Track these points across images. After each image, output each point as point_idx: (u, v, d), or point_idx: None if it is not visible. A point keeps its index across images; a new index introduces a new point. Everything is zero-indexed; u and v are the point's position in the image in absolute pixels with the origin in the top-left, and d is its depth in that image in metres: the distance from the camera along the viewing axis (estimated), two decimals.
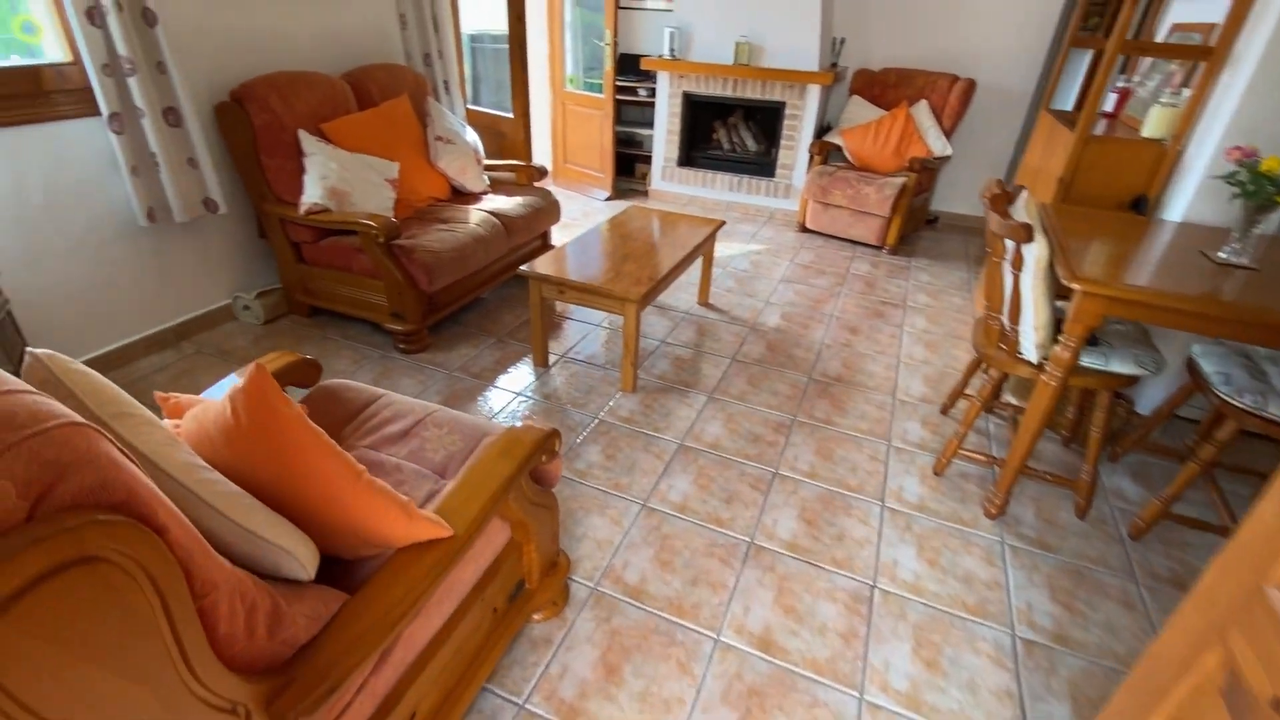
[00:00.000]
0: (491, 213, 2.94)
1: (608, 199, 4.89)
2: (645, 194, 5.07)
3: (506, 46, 3.90)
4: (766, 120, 4.75)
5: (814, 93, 4.24)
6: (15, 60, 2.07)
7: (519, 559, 1.44)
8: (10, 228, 2.06)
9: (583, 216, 4.50)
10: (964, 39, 4.22)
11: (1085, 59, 3.72)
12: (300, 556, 0.88)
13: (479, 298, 3.08)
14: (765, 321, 3.09)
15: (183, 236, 2.56)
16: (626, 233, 2.83)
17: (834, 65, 4.44)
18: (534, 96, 5.04)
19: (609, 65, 4.43)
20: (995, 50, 4.18)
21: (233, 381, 1.45)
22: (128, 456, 0.66)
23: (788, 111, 4.35)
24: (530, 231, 3.15)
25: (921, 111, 4.10)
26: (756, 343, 2.89)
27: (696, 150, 4.85)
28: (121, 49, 2.08)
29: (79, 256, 2.26)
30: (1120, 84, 2.73)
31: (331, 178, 2.54)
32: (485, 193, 3.25)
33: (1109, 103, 2.76)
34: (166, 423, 1.07)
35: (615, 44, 4.37)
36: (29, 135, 2.05)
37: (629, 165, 5.21)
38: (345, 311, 2.76)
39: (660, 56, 4.50)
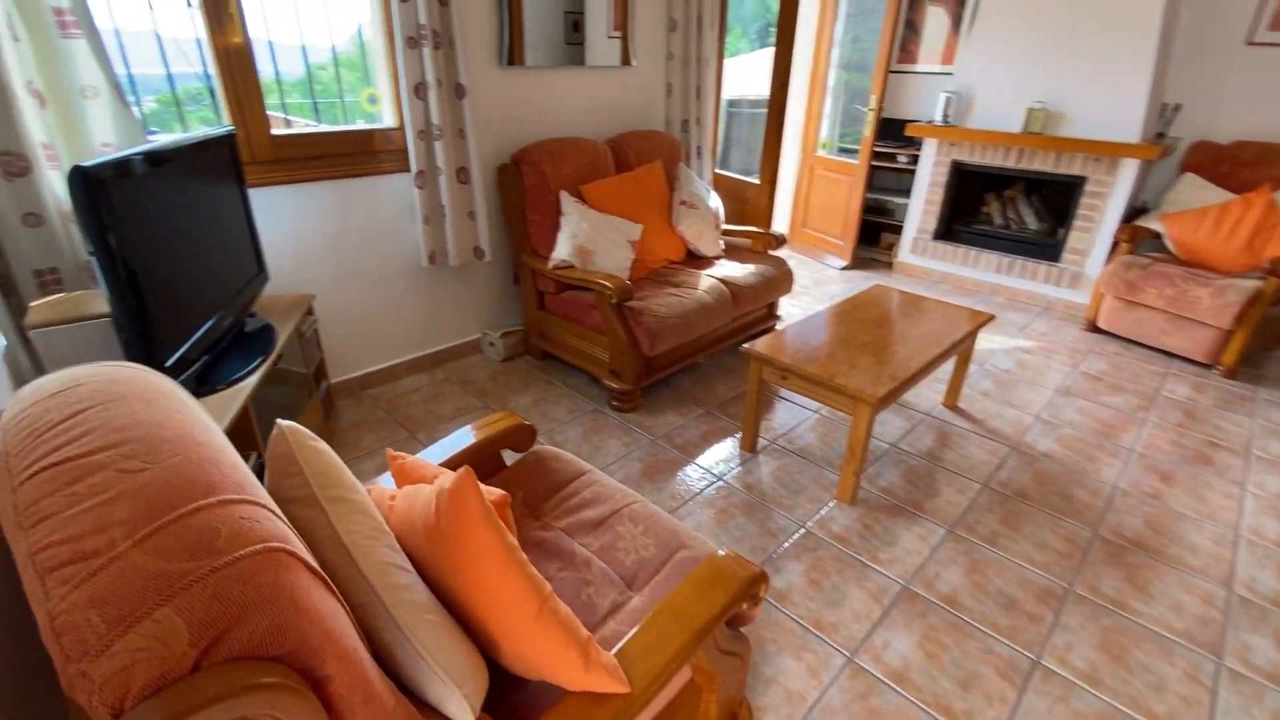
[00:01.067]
0: (722, 280, 2.85)
1: (844, 268, 4.56)
2: (889, 266, 4.63)
3: (763, 111, 3.87)
4: (1056, 196, 4.03)
5: (1129, 168, 3.48)
6: (360, 125, 2.52)
7: (695, 706, 1.23)
8: (331, 257, 2.48)
9: (814, 285, 4.23)
10: None
11: None
12: (466, 696, 0.79)
13: (696, 363, 2.99)
14: (1032, 442, 2.50)
15: (451, 277, 2.88)
16: (868, 315, 2.52)
17: (1160, 135, 3.62)
18: (781, 159, 4.97)
19: (868, 131, 4.16)
20: None
21: (462, 437, 1.50)
22: (319, 575, 0.61)
23: (1089, 188, 3.63)
24: (758, 301, 2.99)
25: None
26: (1019, 469, 2.34)
27: (959, 223, 4.30)
28: (435, 118, 2.41)
29: (373, 287, 2.65)
30: None
31: (580, 236, 2.67)
32: (719, 257, 3.19)
33: None
34: (385, 488, 1.09)
35: (879, 110, 4.09)
36: (357, 185, 2.46)
37: (873, 233, 4.82)
38: (571, 361, 2.86)
39: (930, 122, 4.10)
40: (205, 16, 1.99)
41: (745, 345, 2.25)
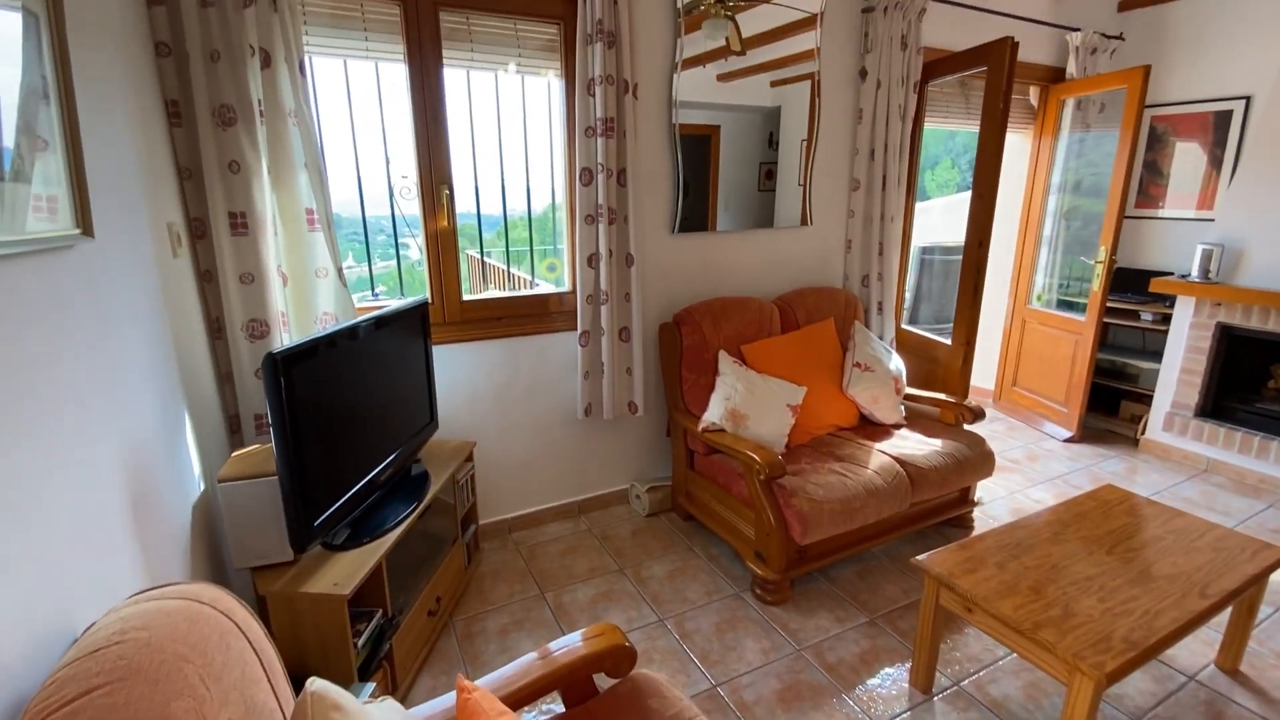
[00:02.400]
0: (898, 458, 2.48)
1: (1069, 439, 3.78)
2: (1134, 442, 3.75)
3: (959, 259, 3.52)
4: None
5: None
6: (539, 288, 2.74)
7: None
8: (496, 407, 2.63)
9: (1026, 460, 3.55)
10: None
11: None
12: None
13: (865, 551, 2.57)
14: None
15: (605, 428, 2.89)
16: (1097, 530, 1.96)
17: None
18: (988, 311, 4.45)
19: (1097, 286, 3.56)
20: None
21: (562, 646, 1.36)
22: None
23: None
24: (945, 487, 2.53)
25: None
26: None
27: (1233, 399, 3.38)
28: (604, 284, 2.53)
29: (532, 435, 2.74)
30: None
31: (735, 399, 2.53)
32: (899, 425, 2.82)
33: None
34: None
35: (1111, 261, 3.50)
36: (529, 343, 2.64)
37: (1110, 400, 3.99)
38: (715, 530, 2.63)
39: (1185, 277, 3.39)
40: (421, 206, 2.35)
41: (920, 558, 1.85)
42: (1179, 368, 3.47)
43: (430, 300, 2.42)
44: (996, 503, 3.05)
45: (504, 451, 2.70)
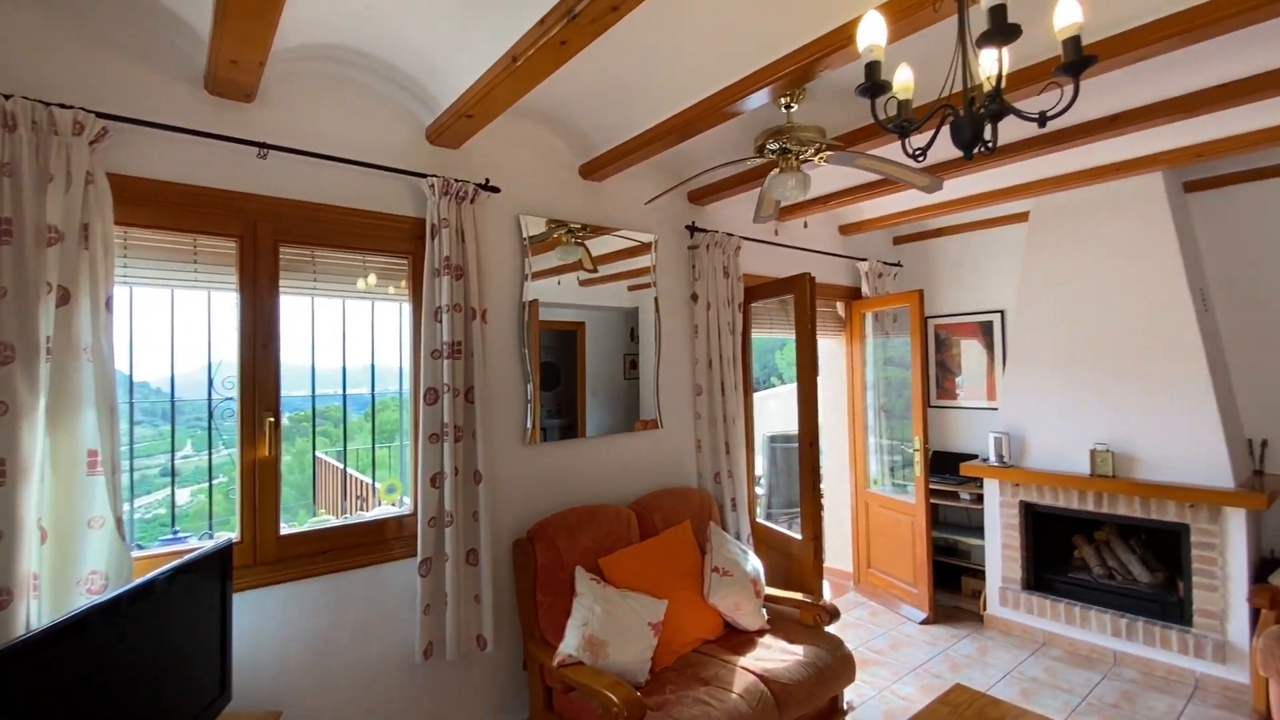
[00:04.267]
0: (763, 676, 2.38)
1: (924, 621, 3.90)
2: (979, 619, 3.94)
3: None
4: (1161, 541, 3.50)
5: (1238, 516, 3.01)
6: (378, 512, 2.54)
7: None
8: (315, 660, 2.25)
9: (890, 648, 3.58)
10: None
11: None
12: None
13: None
14: None
15: (449, 670, 2.55)
16: None
17: (1258, 473, 3.22)
18: (834, 496, 4.76)
19: (919, 471, 3.96)
20: None
21: None
22: None
23: (1195, 539, 3.12)
24: (811, 702, 2.44)
25: None
26: None
27: (1051, 571, 3.73)
28: (449, 504, 2.40)
29: (358, 693, 2.34)
30: None
31: (593, 623, 2.37)
32: (763, 630, 2.77)
33: None
34: None
35: (926, 449, 3.95)
36: (358, 577, 2.36)
37: (954, 577, 4.24)
38: None
39: (985, 461, 3.88)
40: (240, 434, 2.17)
41: None
42: (1000, 543, 3.82)
43: (239, 538, 2.14)
44: (868, 705, 2.98)
45: (328, 711, 2.26)
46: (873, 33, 1.31)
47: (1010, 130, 2.74)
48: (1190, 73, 2.26)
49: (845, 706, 2.78)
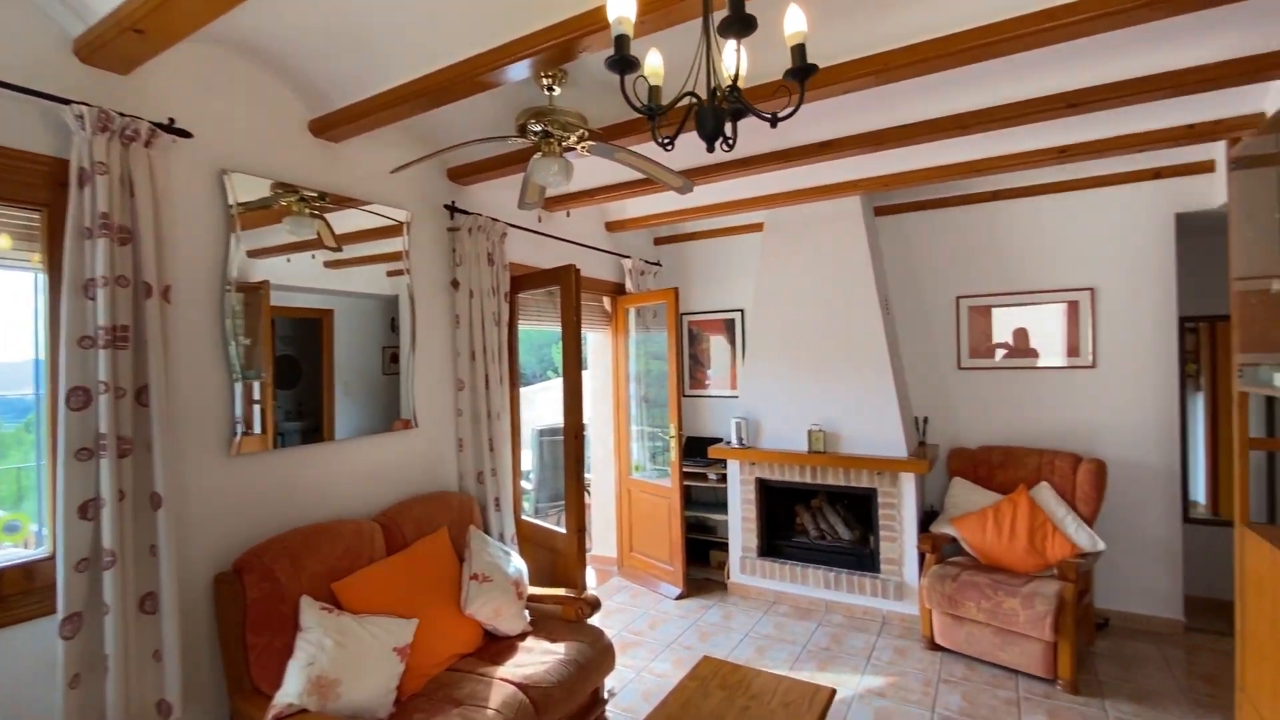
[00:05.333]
0: (521, 684, 2.26)
1: (680, 596, 4.18)
2: (724, 587, 4.34)
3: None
4: (857, 505, 4.21)
5: (909, 479, 3.73)
6: None
7: None
8: None
9: (649, 628, 3.74)
10: (1069, 416, 3.79)
11: None
12: None
13: None
14: None
15: None
16: (701, 709, 2.04)
17: (922, 444, 4.04)
18: (603, 485, 4.85)
19: (674, 456, 4.21)
20: (1117, 425, 3.68)
21: None
22: None
23: (881, 500, 3.80)
24: (572, 699, 2.40)
25: (1046, 496, 3.45)
26: None
27: (780, 538, 4.26)
28: (109, 540, 1.82)
29: None
30: None
31: (321, 661, 2.01)
32: (525, 633, 2.65)
33: None
34: None
35: (680, 435, 4.22)
36: None
37: (703, 552, 4.62)
38: None
39: (728, 443, 4.27)
40: None
41: None
42: (740, 516, 4.25)
43: None
44: (628, 689, 3.06)
45: None
46: (622, 5, 1.26)
47: (749, 143, 3.02)
48: (881, 112, 2.71)
49: (606, 695, 2.80)
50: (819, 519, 4.23)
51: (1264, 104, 2.63)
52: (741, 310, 4.85)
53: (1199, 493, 4.08)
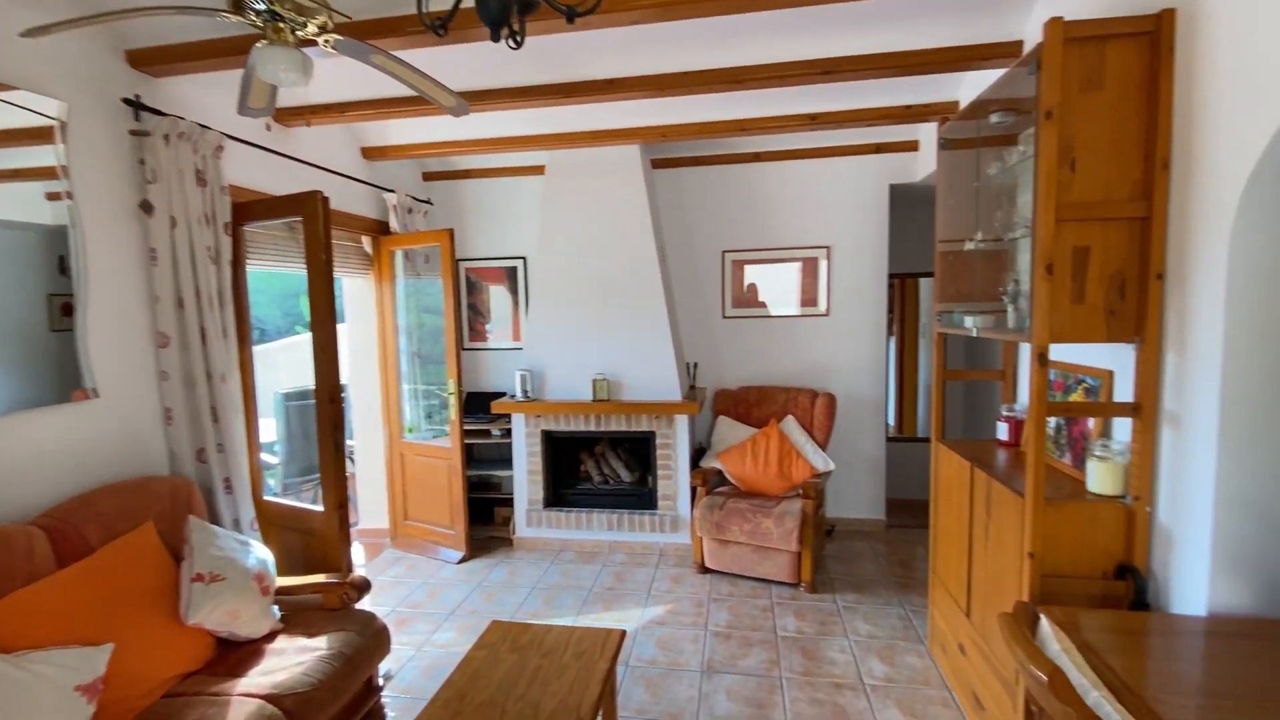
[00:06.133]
0: (270, 695, 1.90)
1: (463, 559, 3.97)
2: (510, 543, 4.23)
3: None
4: (638, 448, 4.38)
5: (683, 420, 3.97)
6: None
7: None
8: None
9: (429, 598, 3.49)
10: (809, 358, 4.35)
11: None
12: None
13: None
14: None
15: None
16: (494, 686, 1.91)
17: (692, 388, 4.32)
18: (369, 452, 4.34)
19: (454, 414, 3.91)
20: (844, 365, 4.32)
21: None
22: None
23: (659, 441, 3.99)
24: (341, 696, 2.10)
25: (792, 427, 3.94)
26: None
27: (565, 487, 4.27)
28: None
29: None
30: (1006, 413, 2.61)
31: None
32: (274, 633, 2.24)
33: (1002, 431, 2.60)
34: None
35: (460, 392, 3.92)
36: None
37: (487, 510, 4.45)
38: None
39: (512, 397, 4.10)
40: None
41: None
42: (526, 470, 4.15)
43: None
44: (407, 669, 2.81)
45: None
46: None
47: (532, 71, 2.78)
48: (664, 57, 2.67)
49: (380, 682, 2.53)
50: (602, 464, 4.32)
51: (959, 93, 3.17)
52: (524, 258, 4.63)
53: (891, 418, 5.06)
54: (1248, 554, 1.62)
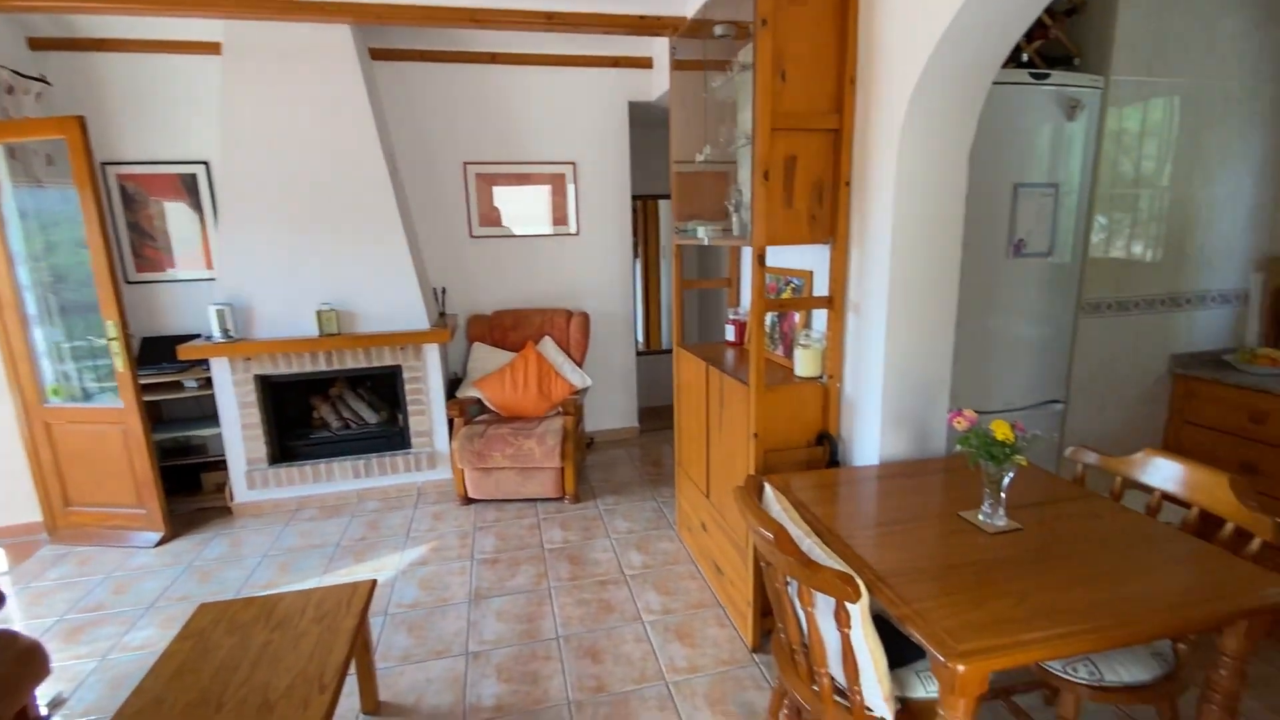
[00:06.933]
0: None
1: (162, 541, 3.24)
2: (229, 512, 3.57)
3: None
4: (383, 385, 3.96)
5: (433, 350, 3.67)
6: None
7: None
8: None
9: (115, 595, 2.79)
10: (563, 279, 4.33)
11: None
12: None
13: None
14: (480, 699, 2.10)
15: None
16: (202, 676, 1.58)
17: (442, 315, 4.02)
18: None
19: (122, 364, 3.05)
20: (595, 284, 4.38)
21: None
22: None
23: (406, 375, 3.65)
24: None
25: (549, 348, 3.93)
26: None
27: (296, 439, 3.70)
28: None
29: None
30: (732, 316, 2.89)
31: None
32: None
33: (730, 333, 2.88)
34: None
35: (127, 337, 3.06)
36: None
37: (193, 478, 3.67)
38: None
39: (209, 339, 3.34)
40: None
41: None
42: (240, 424, 3.48)
43: None
44: (88, 685, 2.22)
45: None
46: None
47: None
48: None
49: (44, 711, 1.96)
50: (340, 408, 3.83)
51: (685, 8, 3.23)
52: (206, 163, 3.69)
53: (640, 334, 5.38)
54: (905, 412, 2.03)
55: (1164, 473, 1.65)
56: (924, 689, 1.38)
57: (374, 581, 2.02)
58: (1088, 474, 1.81)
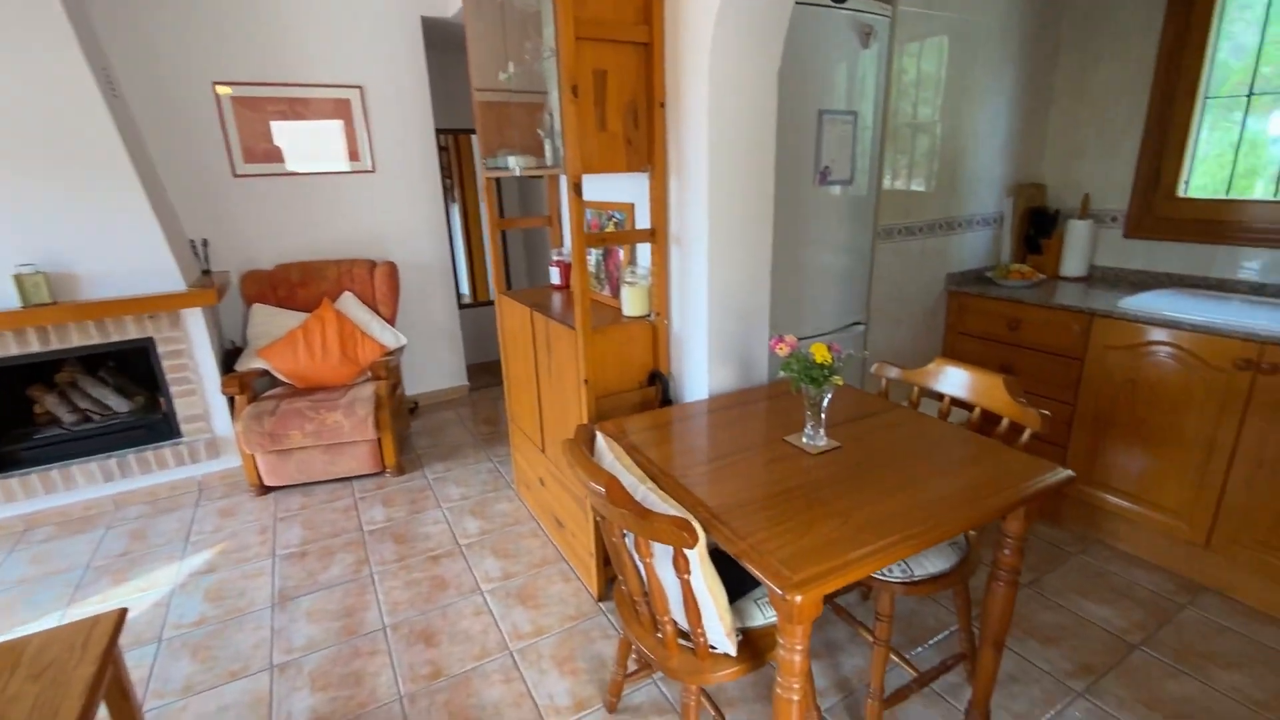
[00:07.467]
0: None
1: None
2: None
3: None
4: (132, 364, 3.21)
5: (195, 317, 3.02)
6: None
7: None
8: None
9: None
10: (362, 224, 3.78)
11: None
12: None
13: None
14: (292, 718, 1.80)
15: None
16: None
17: (206, 273, 3.32)
18: None
19: None
20: (401, 229, 3.89)
21: None
22: None
23: (163, 350, 2.98)
24: None
25: (351, 304, 3.44)
26: None
27: (9, 443, 2.88)
28: None
29: None
30: (556, 257, 2.70)
31: None
32: None
33: (554, 276, 2.70)
34: None
35: None
36: None
37: None
38: None
39: None
40: None
41: None
42: None
43: None
44: None
45: None
46: None
47: None
48: None
49: None
50: (75, 397, 3.05)
51: None
52: None
53: (464, 285, 4.98)
54: (729, 344, 2.01)
55: (952, 380, 1.80)
56: (763, 616, 1.39)
57: (122, 611, 1.59)
58: (890, 386, 1.94)
